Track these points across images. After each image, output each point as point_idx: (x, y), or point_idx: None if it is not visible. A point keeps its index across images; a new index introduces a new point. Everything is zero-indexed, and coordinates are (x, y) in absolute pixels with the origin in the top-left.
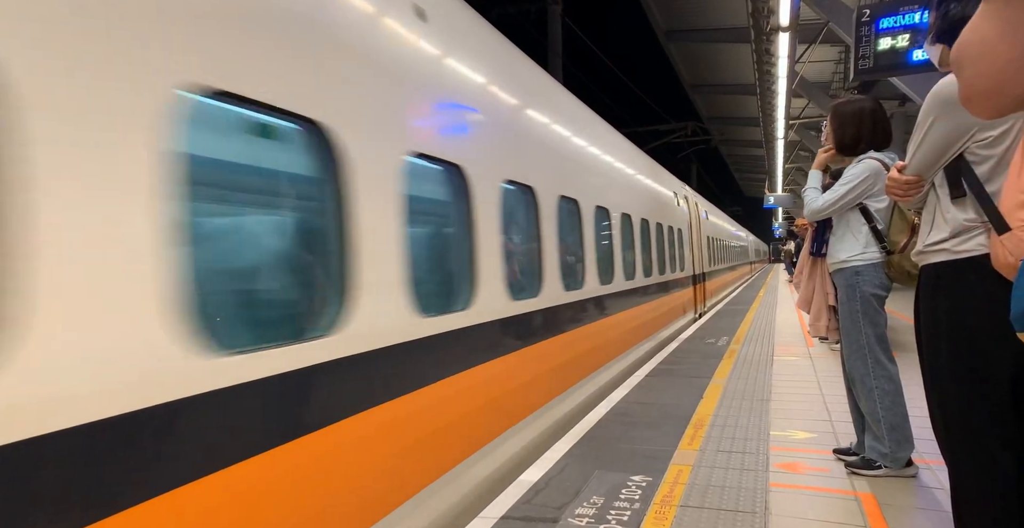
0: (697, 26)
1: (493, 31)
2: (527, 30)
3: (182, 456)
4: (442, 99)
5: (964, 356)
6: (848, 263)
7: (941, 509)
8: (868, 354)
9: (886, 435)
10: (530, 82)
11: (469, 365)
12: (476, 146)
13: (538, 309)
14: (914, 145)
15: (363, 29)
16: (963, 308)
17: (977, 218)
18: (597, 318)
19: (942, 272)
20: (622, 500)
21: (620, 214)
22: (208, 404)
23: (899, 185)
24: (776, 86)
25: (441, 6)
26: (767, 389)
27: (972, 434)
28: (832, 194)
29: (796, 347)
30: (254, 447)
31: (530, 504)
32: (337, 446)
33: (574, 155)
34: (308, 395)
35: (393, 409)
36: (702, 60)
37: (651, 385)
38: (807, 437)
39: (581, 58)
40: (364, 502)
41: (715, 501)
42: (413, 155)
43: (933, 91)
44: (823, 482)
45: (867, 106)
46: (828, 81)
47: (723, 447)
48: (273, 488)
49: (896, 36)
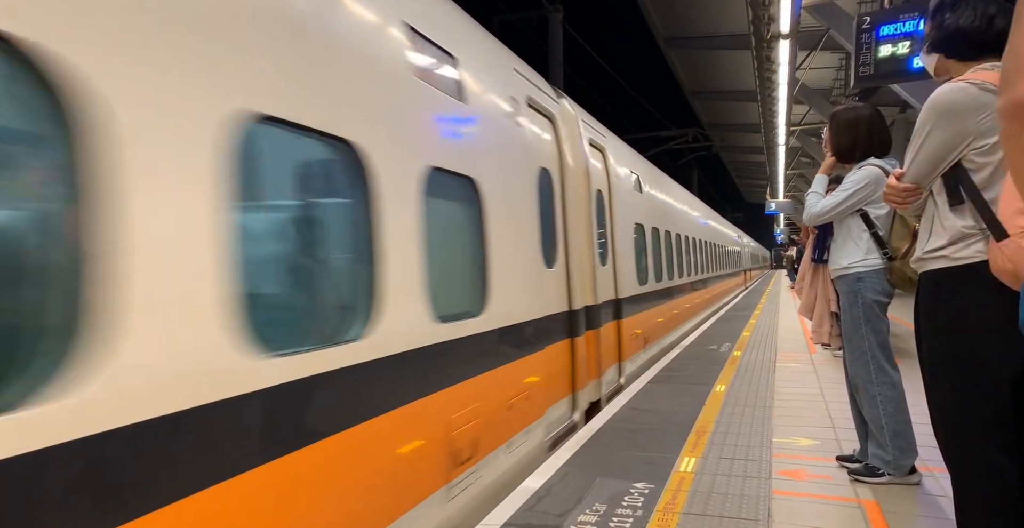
0: (697, 33)
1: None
2: (528, 37)
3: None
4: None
5: (964, 362)
6: (850, 269)
7: (944, 517)
8: (871, 361)
9: (889, 442)
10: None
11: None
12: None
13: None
14: (912, 153)
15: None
16: (963, 315)
17: (975, 225)
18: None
19: (941, 279)
20: (624, 507)
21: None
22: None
23: (897, 193)
24: (777, 93)
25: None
26: (769, 396)
27: (973, 440)
28: (831, 199)
29: (799, 353)
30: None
31: (532, 511)
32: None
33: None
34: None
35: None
36: (703, 67)
37: (653, 392)
38: (810, 444)
39: (582, 65)
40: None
41: (718, 508)
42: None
43: (930, 99)
44: (826, 489)
45: (864, 114)
46: (829, 88)
47: (725, 454)
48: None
49: (896, 43)
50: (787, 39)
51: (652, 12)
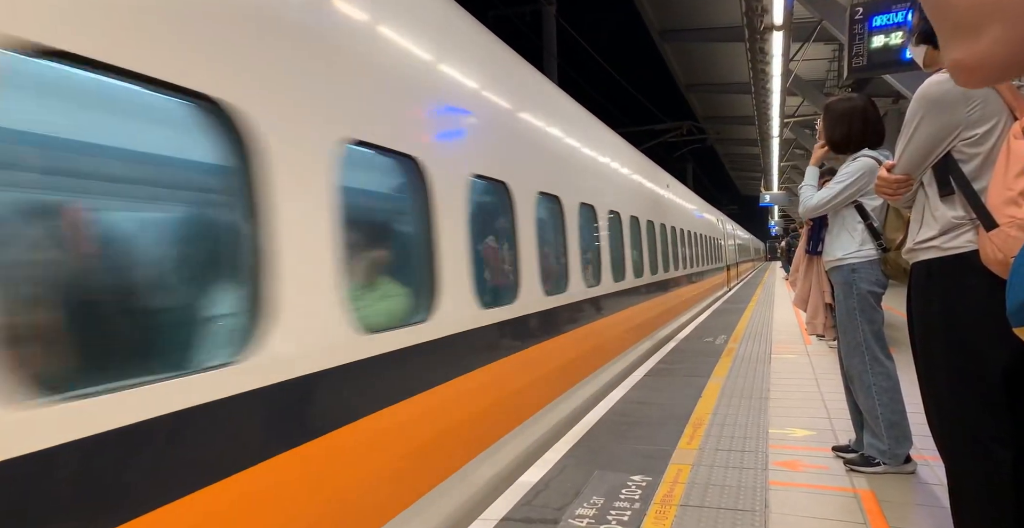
0: (691, 26)
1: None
2: (522, 31)
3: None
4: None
5: (957, 352)
6: (844, 260)
7: (940, 505)
8: (866, 351)
9: (884, 432)
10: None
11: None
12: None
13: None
14: (902, 144)
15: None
16: (955, 304)
17: (965, 215)
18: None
19: (933, 269)
20: (622, 500)
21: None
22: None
23: (888, 184)
24: (771, 84)
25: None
26: (765, 387)
27: (967, 430)
28: (827, 192)
29: (794, 345)
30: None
31: (530, 505)
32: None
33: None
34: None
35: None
36: (697, 59)
37: (649, 384)
38: (806, 435)
39: (576, 59)
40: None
41: (715, 500)
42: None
43: (920, 91)
44: (822, 480)
45: (858, 105)
46: (822, 79)
47: (722, 446)
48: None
49: (889, 33)
50: (780, 30)
51: (646, 5)
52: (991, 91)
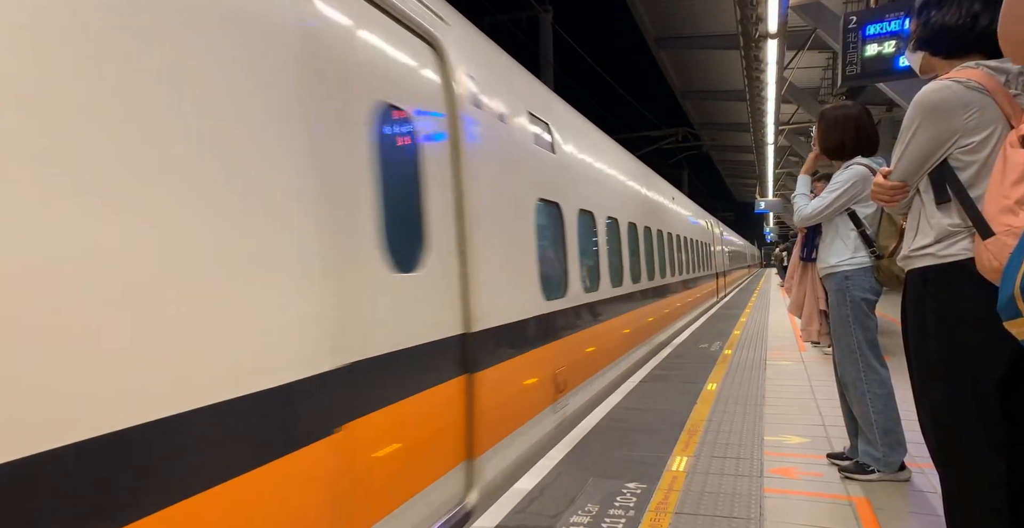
0: (687, 33)
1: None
2: (519, 38)
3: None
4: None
5: (952, 360)
6: (838, 268)
7: (934, 513)
8: (860, 358)
9: (879, 439)
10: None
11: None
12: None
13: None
14: (899, 151)
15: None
16: (950, 312)
17: (961, 223)
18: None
19: (928, 276)
20: (617, 508)
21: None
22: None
23: (884, 191)
24: (765, 92)
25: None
26: (761, 394)
27: (961, 436)
28: (820, 201)
29: (789, 352)
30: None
31: (525, 513)
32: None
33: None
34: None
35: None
36: (692, 67)
37: (645, 391)
38: (801, 442)
39: (572, 65)
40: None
41: (710, 507)
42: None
43: (916, 98)
44: (817, 487)
45: (852, 112)
46: (816, 87)
47: (717, 453)
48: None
49: (883, 42)
50: (775, 39)
51: (642, 12)
52: (988, 99)
